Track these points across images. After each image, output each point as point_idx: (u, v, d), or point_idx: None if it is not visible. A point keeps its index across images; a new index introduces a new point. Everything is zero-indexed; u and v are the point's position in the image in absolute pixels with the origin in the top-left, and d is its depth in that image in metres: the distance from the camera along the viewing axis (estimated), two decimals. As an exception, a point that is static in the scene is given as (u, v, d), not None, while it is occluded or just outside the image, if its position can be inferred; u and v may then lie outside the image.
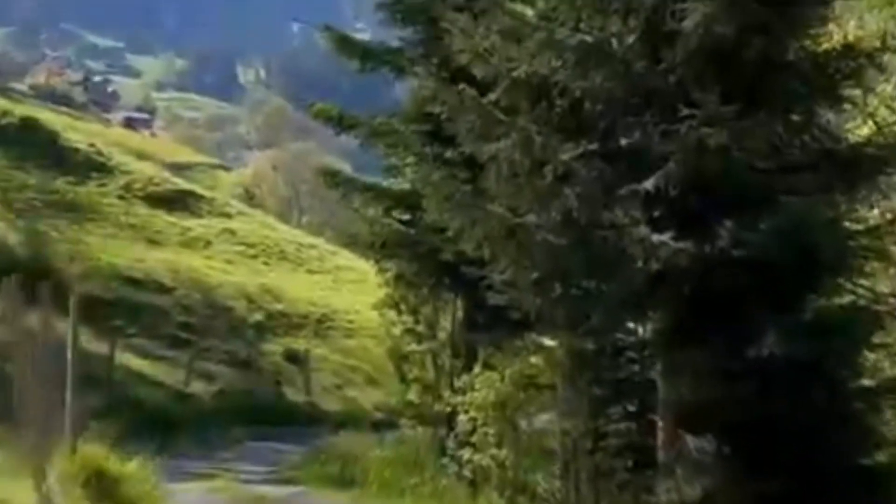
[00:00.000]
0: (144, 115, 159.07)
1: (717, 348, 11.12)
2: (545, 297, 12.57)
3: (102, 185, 36.16)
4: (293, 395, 27.25)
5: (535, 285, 12.47)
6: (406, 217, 17.43)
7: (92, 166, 36.98)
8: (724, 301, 11.19)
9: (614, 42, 11.58)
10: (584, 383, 13.54)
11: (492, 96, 12.14)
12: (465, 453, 14.15)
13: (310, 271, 37.83)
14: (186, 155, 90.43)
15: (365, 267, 44.55)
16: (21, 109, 40.14)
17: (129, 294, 29.03)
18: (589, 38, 11.34)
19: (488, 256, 12.36)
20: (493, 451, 13.99)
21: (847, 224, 11.66)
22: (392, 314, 22.66)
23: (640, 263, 11.06)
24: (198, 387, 24.73)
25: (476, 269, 13.45)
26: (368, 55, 17.69)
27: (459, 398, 14.45)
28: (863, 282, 11.75)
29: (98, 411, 20.74)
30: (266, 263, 36.23)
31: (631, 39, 11.57)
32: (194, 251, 34.24)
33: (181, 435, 21.65)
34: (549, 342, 16.42)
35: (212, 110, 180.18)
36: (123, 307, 28.21)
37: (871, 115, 12.75)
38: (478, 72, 12.14)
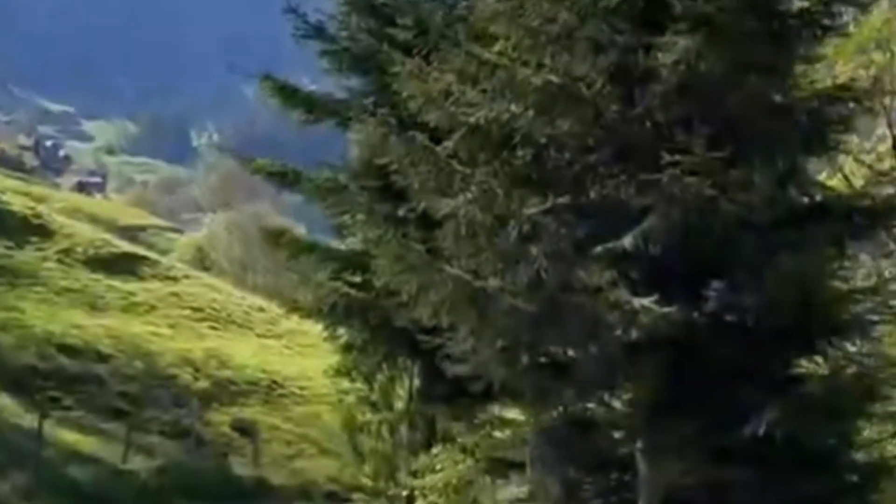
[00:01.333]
0: (97, 179, 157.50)
1: (706, 424, 9.84)
2: (510, 367, 11.30)
3: (41, 248, 34.56)
4: (240, 467, 25.62)
5: (499, 354, 11.19)
6: (356, 280, 16.06)
7: (31, 230, 35.38)
8: (713, 371, 9.95)
9: (582, 85, 10.39)
10: (554, 461, 12.27)
11: (447, 145, 10.90)
12: None
13: (259, 336, 36.21)
14: (139, 218, 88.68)
15: (319, 331, 43.04)
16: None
17: (65, 363, 27.36)
18: (555, 79, 10.12)
19: (446, 323, 11.07)
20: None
21: (847, 282, 10.47)
22: (345, 382, 21.29)
23: (617, 331, 9.80)
24: (137, 462, 23.03)
25: (433, 336, 12.15)
26: (312, 105, 16.42)
27: (418, 481, 13.00)
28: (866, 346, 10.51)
29: (26, 492, 19.20)
30: (213, 328, 34.60)
31: (601, 81, 10.38)
32: (136, 316, 32.60)
33: (117, 517, 20.13)
34: (515, 416, 15.14)
35: (165, 173, 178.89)
36: (59, 377, 26.55)
37: (867, 164, 11.62)
38: (431, 118, 10.89)
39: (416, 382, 17.22)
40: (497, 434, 14.60)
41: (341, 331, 16.90)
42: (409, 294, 11.62)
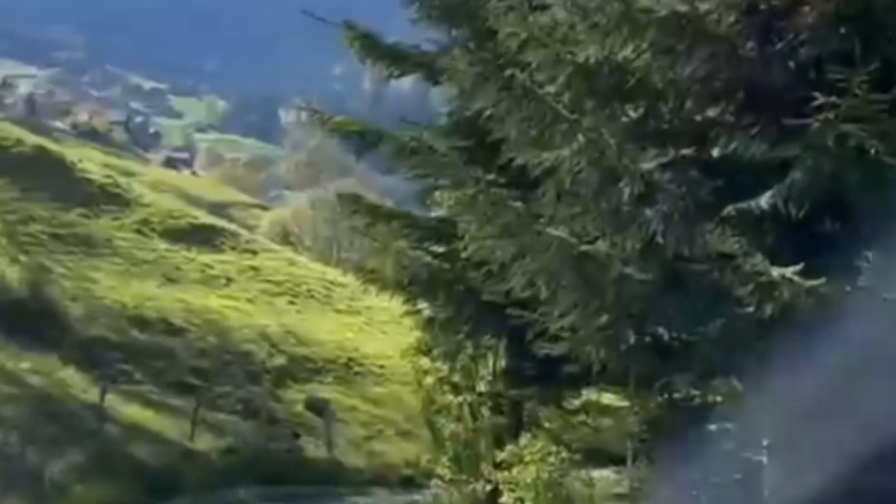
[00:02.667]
0: (185, 155, 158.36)
1: (857, 427, 8.22)
2: (615, 347, 9.77)
3: (117, 218, 33.66)
4: (314, 450, 24.39)
5: (602, 332, 9.67)
6: (440, 250, 14.58)
7: (108, 199, 34.51)
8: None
9: (711, 19, 8.81)
10: (661, 455, 10.79)
11: (550, 90, 9.37)
12: None
13: (338, 312, 34.98)
14: (227, 194, 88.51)
15: (399, 307, 41.67)
16: (35, 140, 37.83)
17: (136, 336, 26.35)
18: (681, 7, 8.56)
19: (545, 295, 9.56)
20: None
21: None
22: (424, 362, 19.89)
23: (748, 306, 8.22)
24: (205, 441, 21.90)
25: (524, 311, 10.70)
26: (397, 57, 14.95)
27: (504, 473, 11.49)
28: None
29: (81, 471, 18.10)
30: (291, 303, 33.45)
31: (734, 15, 8.80)
32: (213, 289, 31.56)
33: (180, 498, 18.92)
34: (614, 402, 13.69)
35: (253, 151, 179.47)
36: (129, 350, 25.54)
37: None
38: (533, 58, 9.35)
39: (502, 363, 15.70)
40: (594, 423, 13.15)
41: (422, 305, 15.38)
42: (500, 262, 10.18)
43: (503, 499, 11.30)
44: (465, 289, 13.81)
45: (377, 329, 34.91)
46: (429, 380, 20.15)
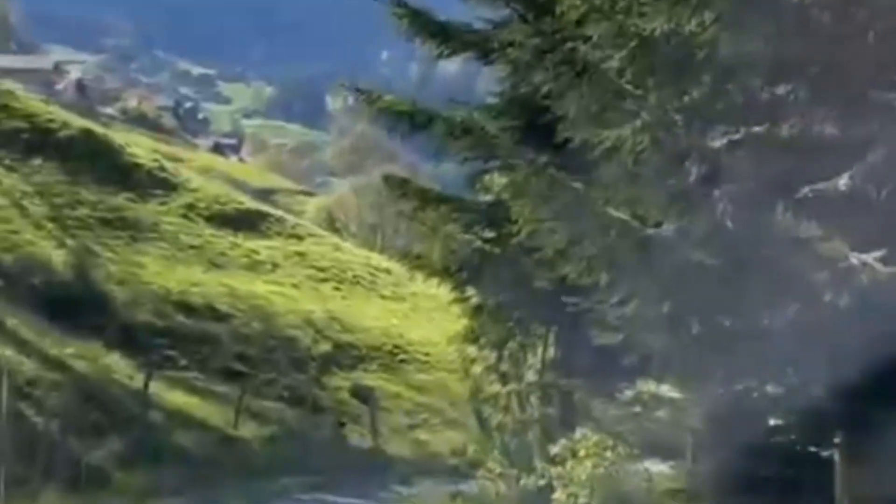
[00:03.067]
0: (232, 141, 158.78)
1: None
2: (676, 336, 9.29)
3: (164, 202, 33.39)
4: (358, 438, 24.03)
5: (663, 320, 9.18)
6: (490, 235, 14.10)
7: (155, 183, 34.27)
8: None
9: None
10: (723, 451, 10.30)
11: (612, 65, 8.88)
12: None
13: (383, 298, 34.57)
14: (272, 181, 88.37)
15: (446, 294, 41.27)
16: (82, 123, 37.62)
17: (181, 321, 26.08)
18: (754, -23, 8.05)
19: (603, 281, 9.09)
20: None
21: None
22: (472, 350, 19.47)
23: (825, 294, 7.72)
24: (249, 429, 21.58)
25: (580, 299, 10.22)
26: (448, 35, 14.45)
27: (557, 468, 11.01)
28: None
29: (123, 458, 17.83)
30: (337, 289, 33.06)
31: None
32: (258, 275, 31.25)
33: (222, 487, 18.58)
34: (673, 394, 13.16)
35: (299, 137, 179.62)
36: (174, 336, 25.27)
37: None
38: (594, 31, 8.87)
39: (552, 352, 15.22)
40: (650, 415, 12.67)
41: (471, 292, 14.89)
42: (555, 247, 9.72)
43: (556, 495, 10.81)
44: (516, 275, 13.31)
45: (423, 316, 34.45)
46: (476, 368, 19.77)
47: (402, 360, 29.33)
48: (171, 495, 17.42)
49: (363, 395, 25.67)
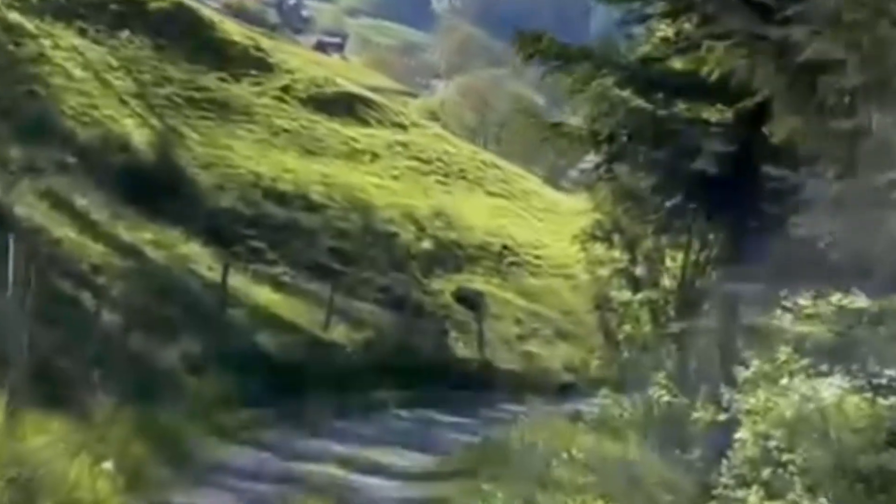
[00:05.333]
0: (336, 40, 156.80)
1: None
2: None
3: (258, 83, 30.85)
4: (463, 348, 21.51)
5: None
6: (653, 97, 11.03)
7: (249, 63, 31.71)
8: None
9: None
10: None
11: None
12: (751, 497, 7.81)
13: (491, 194, 31.79)
14: (375, 79, 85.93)
15: (556, 196, 38.59)
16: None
17: (271, 211, 23.66)
18: None
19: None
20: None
21: None
22: (599, 248, 16.72)
23: None
24: (341, 333, 19.16)
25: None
26: None
27: (739, 405, 8.16)
28: None
29: (196, 362, 15.45)
30: (441, 182, 30.35)
31: None
32: (357, 164, 28.64)
33: (309, 397, 16.18)
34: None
35: (404, 37, 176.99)
36: (263, 226, 22.88)
37: None
38: None
39: (714, 251, 12.29)
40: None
41: (620, 170, 11.82)
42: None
43: (741, 433, 8.03)
44: (683, 146, 10.36)
45: (533, 216, 31.74)
46: (603, 271, 17.06)
47: (511, 263, 26.66)
48: (249, 405, 15.05)
49: (469, 300, 23.09)
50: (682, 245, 16.19)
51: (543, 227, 30.19)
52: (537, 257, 27.41)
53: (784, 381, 7.90)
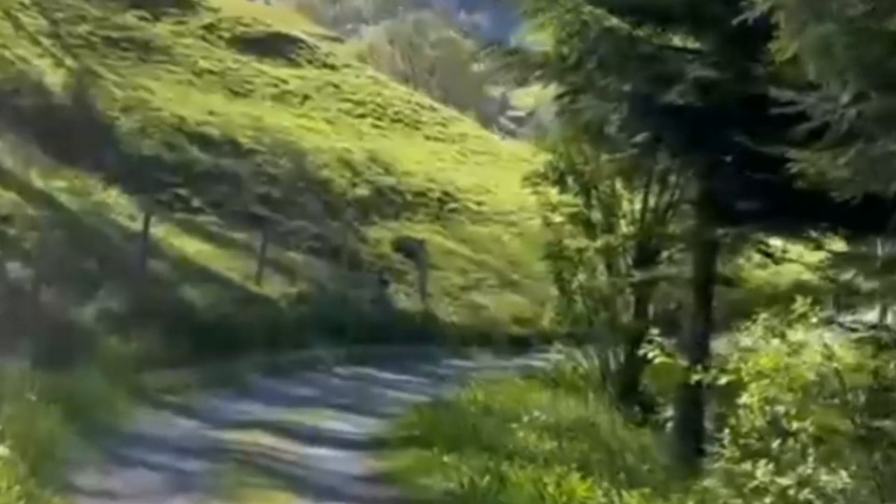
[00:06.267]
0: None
1: None
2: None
3: (181, 22, 29.12)
4: (404, 300, 20.23)
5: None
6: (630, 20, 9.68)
7: (170, 0, 29.93)
8: None
9: None
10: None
11: None
12: (759, 470, 6.69)
13: (429, 138, 30.41)
14: (300, 24, 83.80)
15: (496, 141, 37.27)
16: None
17: (196, 156, 22.13)
18: None
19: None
20: (829, 475, 6.60)
21: None
22: (553, 192, 15.44)
23: None
24: (273, 286, 17.78)
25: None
26: None
27: (737, 364, 7.02)
28: None
29: (115, 319, 14.05)
30: (376, 126, 28.89)
31: None
32: (287, 107, 27.05)
33: (240, 356, 14.89)
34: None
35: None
36: (187, 173, 21.36)
37: None
38: None
39: (694, 190, 11.07)
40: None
41: (586, 102, 10.45)
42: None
43: (746, 398, 6.85)
44: (665, 73, 9.08)
45: (473, 161, 30.46)
46: (557, 217, 15.79)
47: (452, 210, 25.38)
48: (176, 365, 13.72)
49: (409, 248, 21.80)
50: (639, 188, 15.10)
51: (484, 173, 28.94)
52: (479, 203, 26.18)
53: (798, 335, 6.78)
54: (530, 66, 10.26)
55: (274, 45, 30.30)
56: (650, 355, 7.77)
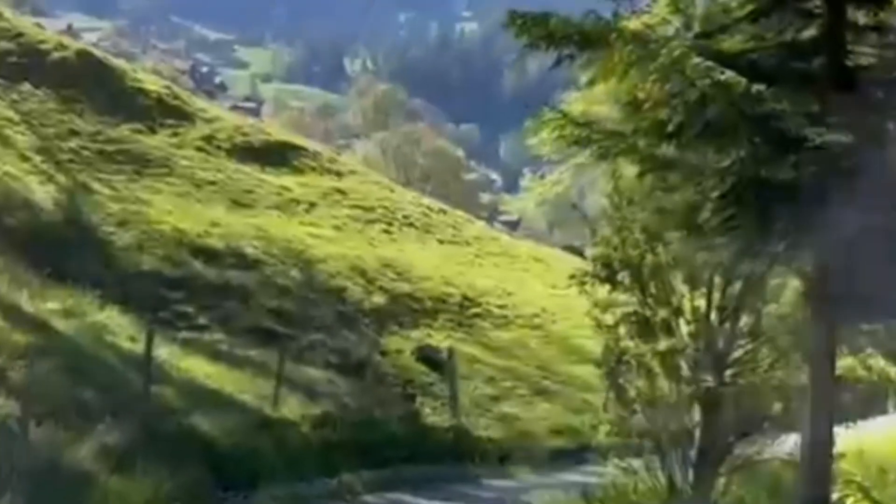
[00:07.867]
0: (252, 105, 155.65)
1: None
2: None
3: (177, 134, 27.79)
4: (432, 415, 18.48)
5: None
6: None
7: (165, 112, 28.60)
8: None
9: None
10: None
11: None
12: None
13: (442, 242, 28.86)
14: (296, 141, 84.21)
15: (513, 243, 35.69)
16: (79, 45, 32.16)
17: (200, 270, 20.57)
18: None
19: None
20: None
21: None
22: (602, 290, 13.80)
23: None
24: (292, 408, 16.06)
25: None
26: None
27: None
28: None
29: (116, 455, 12.33)
30: (386, 231, 27.41)
31: None
32: (293, 216, 25.61)
33: (260, 488, 13.13)
34: None
35: (319, 100, 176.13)
36: (191, 288, 19.78)
37: None
38: None
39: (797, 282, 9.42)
40: None
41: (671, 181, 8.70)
42: None
43: None
44: (786, 135, 7.39)
45: (490, 262, 28.89)
46: (609, 318, 14.15)
47: (474, 315, 23.71)
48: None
49: (435, 359, 20.08)
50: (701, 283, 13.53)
51: (503, 274, 27.38)
52: (502, 307, 24.52)
53: None
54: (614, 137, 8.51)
55: (275, 154, 28.95)
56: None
